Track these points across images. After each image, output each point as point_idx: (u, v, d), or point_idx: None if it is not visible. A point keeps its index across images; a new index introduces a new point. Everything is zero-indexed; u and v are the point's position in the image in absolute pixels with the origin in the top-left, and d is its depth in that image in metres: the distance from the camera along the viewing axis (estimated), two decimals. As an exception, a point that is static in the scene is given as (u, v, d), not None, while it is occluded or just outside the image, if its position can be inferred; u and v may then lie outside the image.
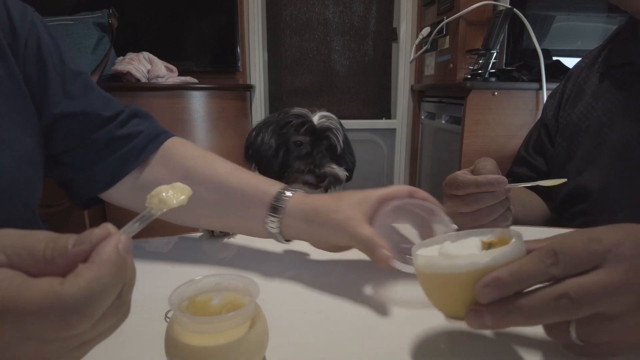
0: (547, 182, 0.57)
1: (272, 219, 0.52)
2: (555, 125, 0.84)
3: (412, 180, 2.34)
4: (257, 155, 0.93)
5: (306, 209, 0.51)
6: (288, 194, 0.53)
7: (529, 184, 0.59)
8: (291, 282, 0.51)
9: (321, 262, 0.56)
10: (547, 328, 0.35)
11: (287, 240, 0.55)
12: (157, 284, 0.52)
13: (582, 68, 0.82)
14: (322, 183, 0.86)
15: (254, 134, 0.95)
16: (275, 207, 0.52)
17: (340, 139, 0.91)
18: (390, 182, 2.38)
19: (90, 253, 0.25)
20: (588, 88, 0.79)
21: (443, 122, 1.80)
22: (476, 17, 1.66)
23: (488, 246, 0.36)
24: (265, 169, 0.91)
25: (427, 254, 0.38)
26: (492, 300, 0.32)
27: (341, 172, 0.88)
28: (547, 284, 0.32)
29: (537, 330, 0.43)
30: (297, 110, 0.91)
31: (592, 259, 0.32)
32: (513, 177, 0.86)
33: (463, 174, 0.59)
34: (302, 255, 0.58)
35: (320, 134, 0.88)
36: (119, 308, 0.27)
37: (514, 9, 1.47)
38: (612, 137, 0.71)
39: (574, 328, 0.33)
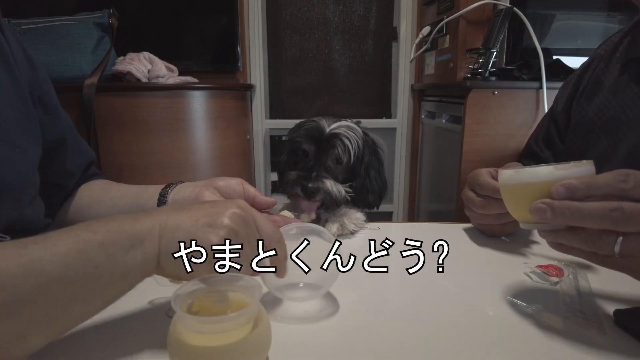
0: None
1: None
2: (566, 119, 0.80)
3: (412, 180, 2.34)
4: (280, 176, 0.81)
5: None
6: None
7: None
8: (293, 282, 0.51)
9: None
10: (591, 240, 0.39)
11: None
12: (160, 283, 0.53)
13: (601, 57, 0.77)
14: (314, 198, 0.72)
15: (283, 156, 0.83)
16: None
17: (352, 150, 0.74)
18: (390, 181, 2.38)
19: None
20: (606, 80, 0.74)
21: (443, 121, 1.79)
22: (476, 16, 1.65)
23: None
24: (280, 187, 0.80)
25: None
26: (562, 198, 0.38)
27: (335, 189, 0.72)
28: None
29: (536, 331, 0.43)
30: (314, 118, 0.79)
31: None
32: None
33: (486, 175, 0.60)
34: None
35: (327, 143, 0.74)
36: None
37: (514, 8, 1.47)
38: (630, 137, 0.67)
39: (620, 241, 0.38)
